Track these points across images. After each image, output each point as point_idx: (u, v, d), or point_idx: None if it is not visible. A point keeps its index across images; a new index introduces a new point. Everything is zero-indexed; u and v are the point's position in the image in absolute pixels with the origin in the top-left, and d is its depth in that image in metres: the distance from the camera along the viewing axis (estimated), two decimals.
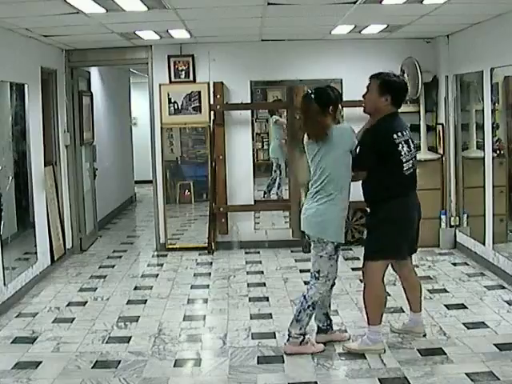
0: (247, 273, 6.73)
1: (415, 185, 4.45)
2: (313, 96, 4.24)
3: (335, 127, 4.21)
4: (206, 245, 7.66)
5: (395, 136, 4.23)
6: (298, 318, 4.35)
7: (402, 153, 4.24)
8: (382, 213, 4.31)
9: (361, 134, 4.40)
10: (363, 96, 4.42)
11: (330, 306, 4.60)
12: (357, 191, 4.40)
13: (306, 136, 4.31)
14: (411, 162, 4.33)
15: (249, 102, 7.72)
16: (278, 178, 9.90)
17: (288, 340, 4.43)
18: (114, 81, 10.77)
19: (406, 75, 7.33)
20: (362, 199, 4.43)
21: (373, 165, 4.25)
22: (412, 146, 4.36)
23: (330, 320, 4.60)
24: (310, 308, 4.34)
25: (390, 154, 4.22)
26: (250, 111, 7.93)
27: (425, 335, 4.64)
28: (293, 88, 7.47)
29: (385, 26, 6.58)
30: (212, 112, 7.59)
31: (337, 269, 4.36)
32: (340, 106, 4.34)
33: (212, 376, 4.18)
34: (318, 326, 4.58)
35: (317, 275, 4.30)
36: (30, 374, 4.19)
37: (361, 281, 4.62)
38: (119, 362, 4.37)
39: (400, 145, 4.23)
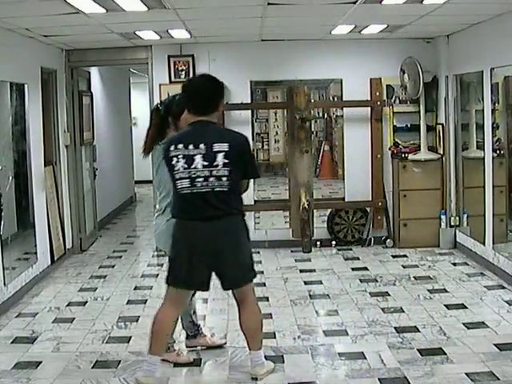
0: None
1: (203, 211, 3.73)
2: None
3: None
4: None
5: (172, 148, 3.75)
6: None
7: (176, 168, 3.72)
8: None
9: None
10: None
11: (194, 312, 4.50)
12: (355, 191, 4.39)
13: None
14: (188, 181, 3.69)
15: (249, 101, 7.72)
16: None
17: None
18: (114, 81, 10.77)
19: (406, 75, 7.33)
20: (360, 199, 4.38)
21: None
22: (201, 162, 3.68)
23: (198, 325, 4.54)
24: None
25: (168, 168, 3.82)
26: (249, 111, 7.92)
27: (256, 379, 4.00)
28: (293, 88, 7.46)
29: (385, 26, 6.58)
30: None
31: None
32: (183, 112, 3.96)
33: (212, 376, 4.19)
34: (187, 333, 4.54)
35: None
36: (29, 373, 4.19)
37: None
38: (119, 362, 4.37)
39: (175, 159, 3.71)
